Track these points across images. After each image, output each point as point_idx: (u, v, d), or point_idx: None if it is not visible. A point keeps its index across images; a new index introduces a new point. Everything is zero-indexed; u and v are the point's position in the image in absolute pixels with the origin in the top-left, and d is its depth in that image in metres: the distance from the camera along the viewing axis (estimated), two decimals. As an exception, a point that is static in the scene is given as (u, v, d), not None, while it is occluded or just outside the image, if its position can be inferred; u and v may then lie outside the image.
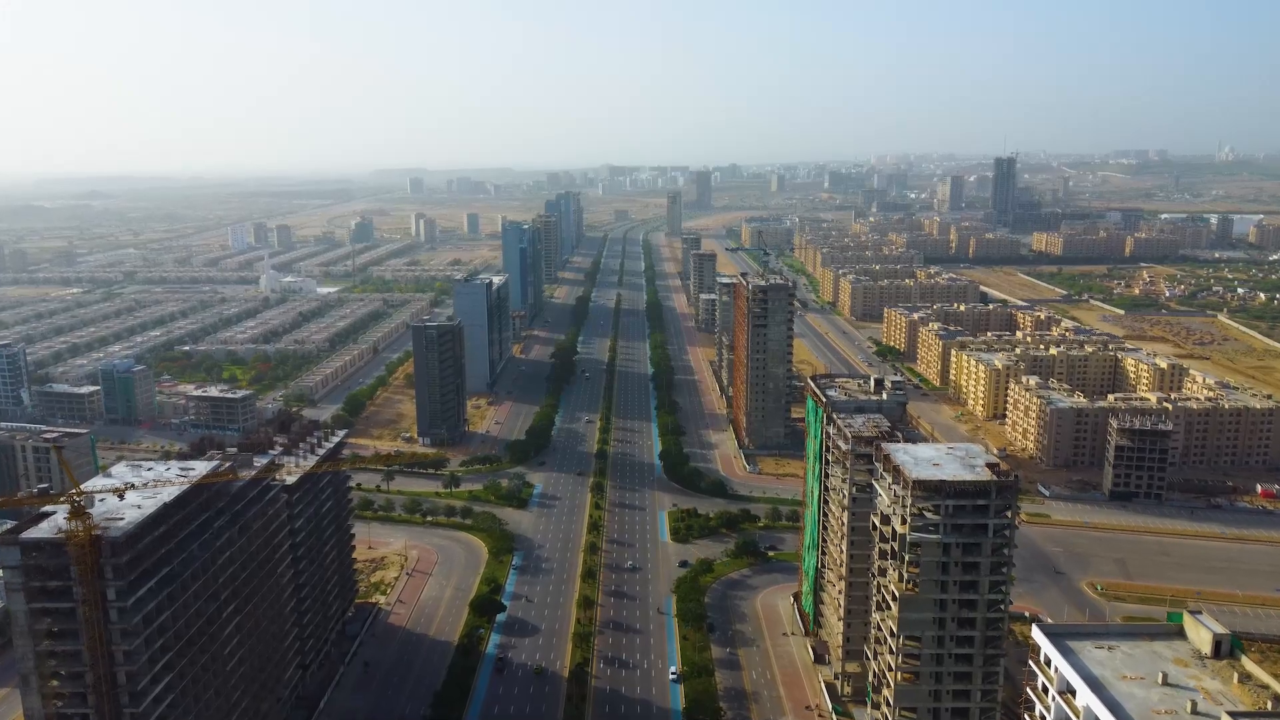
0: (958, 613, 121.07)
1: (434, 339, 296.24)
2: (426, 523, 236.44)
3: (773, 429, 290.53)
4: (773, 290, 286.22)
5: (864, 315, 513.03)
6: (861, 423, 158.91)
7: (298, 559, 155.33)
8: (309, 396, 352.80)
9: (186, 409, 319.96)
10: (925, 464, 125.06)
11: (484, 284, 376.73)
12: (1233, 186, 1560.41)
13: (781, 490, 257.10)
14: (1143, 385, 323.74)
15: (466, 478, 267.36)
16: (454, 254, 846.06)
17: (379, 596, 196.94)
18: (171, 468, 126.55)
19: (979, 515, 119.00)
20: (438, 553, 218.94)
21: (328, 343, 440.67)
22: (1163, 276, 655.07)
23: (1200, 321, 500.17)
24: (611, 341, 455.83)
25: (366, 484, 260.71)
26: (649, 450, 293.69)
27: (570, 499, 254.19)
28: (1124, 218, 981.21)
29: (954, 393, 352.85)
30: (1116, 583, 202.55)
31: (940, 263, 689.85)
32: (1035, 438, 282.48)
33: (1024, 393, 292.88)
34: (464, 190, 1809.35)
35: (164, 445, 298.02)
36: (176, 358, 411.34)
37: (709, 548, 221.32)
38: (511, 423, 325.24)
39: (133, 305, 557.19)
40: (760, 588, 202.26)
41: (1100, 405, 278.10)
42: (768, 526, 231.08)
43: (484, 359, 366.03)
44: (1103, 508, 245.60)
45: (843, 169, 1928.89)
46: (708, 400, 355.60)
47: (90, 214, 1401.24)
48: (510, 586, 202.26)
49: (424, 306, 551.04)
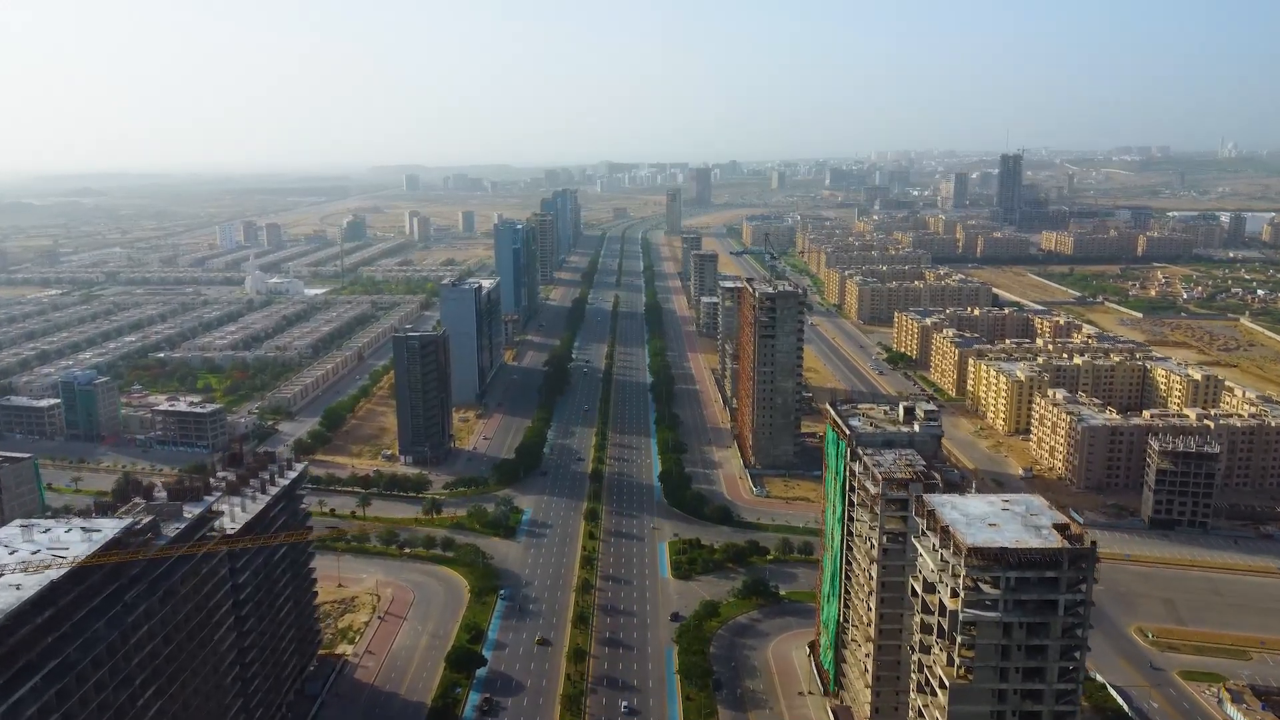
0: (1020, 705, 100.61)
1: (416, 350, 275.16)
2: (404, 555, 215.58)
3: (781, 447, 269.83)
4: (781, 298, 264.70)
5: (872, 319, 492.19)
6: (892, 460, 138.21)
7: (242, 619, 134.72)
8: (286, 408, 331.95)
9: (153, 424, 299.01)
10: (978, 523, 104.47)
11: (473, 288, 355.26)
12: (1239, 184, 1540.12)
13: (792, 516, 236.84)
14: (1175, 398, 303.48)
15: (450, 502, 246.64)
16: (448, 253, 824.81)
17: (345, 646, 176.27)
18: (74, 528, 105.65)
19: (1047, 590, 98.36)
20: (414, 591, 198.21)
21: (310, 349, 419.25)
22: (1178, 277, 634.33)
23: (1222, 325, 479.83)
24: (609, 347, 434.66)
25: (341, 509, 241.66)
26: (648, 470, 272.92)
27: (562, 526, 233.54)
28: (1134, 216, 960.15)
29: (972, 404, 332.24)
30: (1168, 629, 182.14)
31: (947, 262, 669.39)
32: (1064, 457, 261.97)
33: (1051, 408, 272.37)
34: (461, 187, 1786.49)
35: (125, 464, 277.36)
36: (150, 366, 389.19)
37: (714, 585, 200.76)
38: (501, 438, 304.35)
39: (111, 308, 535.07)
40: (772, 634, 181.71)
41: (1135, 423, 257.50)
42: (778, 559, 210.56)
43: (473, 368, 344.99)
44: (1143, 537, 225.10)
45: (844, 165, 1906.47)
46: (710, 412, 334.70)
47: (80, 211, 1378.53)
48: (493, 633, 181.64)
49: (414, 309, 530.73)
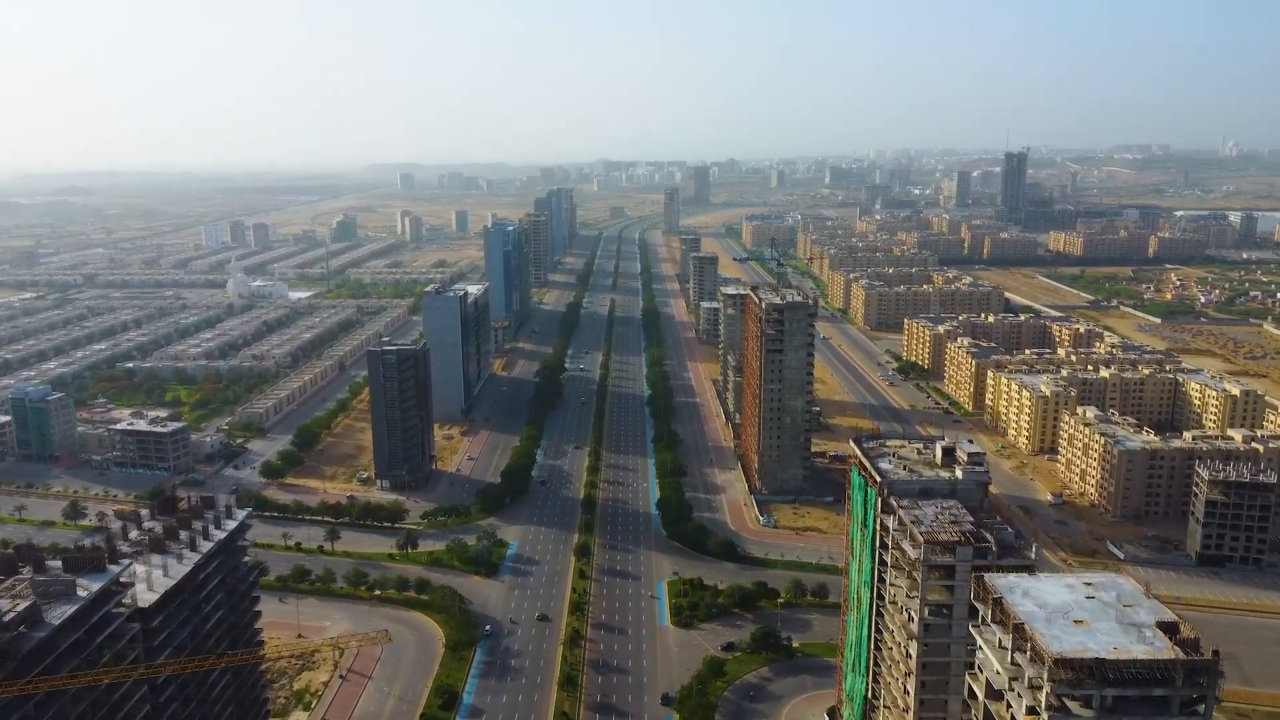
0: None
1: (393, 365, 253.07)
2: (374, 598, 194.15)
3: (789, 471, 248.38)
4: (790, 309, 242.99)
5: (879, 324, 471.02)
6: (933, 516, 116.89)
7: (161, 705, 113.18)
8: (258, 424, 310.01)
9: (112, 443, 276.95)
10: (1060, 619, 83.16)
11: (458, 295, 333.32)
12: (1243, 183, 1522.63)
13: (803, 551, 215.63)
14: (1211, 415, 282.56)
15: (428, 534, 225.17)
16: (440, 254, 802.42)
17: (300, 713, 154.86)
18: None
19: (1155, 712, 77.23)
20: (383, 644, 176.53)
21: (289, 357, 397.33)
22: (1193, 279, 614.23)
23: (1245, 331, 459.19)
24: (604, 356, 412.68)
25: (308, 542, 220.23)
26: (645, 496, 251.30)
27: (550, 563, 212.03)
28: (1141, 215, 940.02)
29: (991, 420, 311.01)
30: (1235, 690, 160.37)
31: (953, 264, 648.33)
32: (1097, 482, 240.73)
33: (1081, 428, 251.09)
34: (456, 186, 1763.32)
35: (78, 490, 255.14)
36: (117, 377, 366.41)
37: (719, 634, 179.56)
38: (486, 459, 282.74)
39: (84, 313, 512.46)
40: (785, 696, 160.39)
41: (1176, 445, 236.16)
42: (790, 603, 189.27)
43: (458, 381, 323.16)
44: (1191, 575, 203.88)
45: (843, 164, 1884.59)
46: (711, 428, 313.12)
47: (67, 211, 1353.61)
48: (469, 696, 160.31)
49: (402, 314, 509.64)
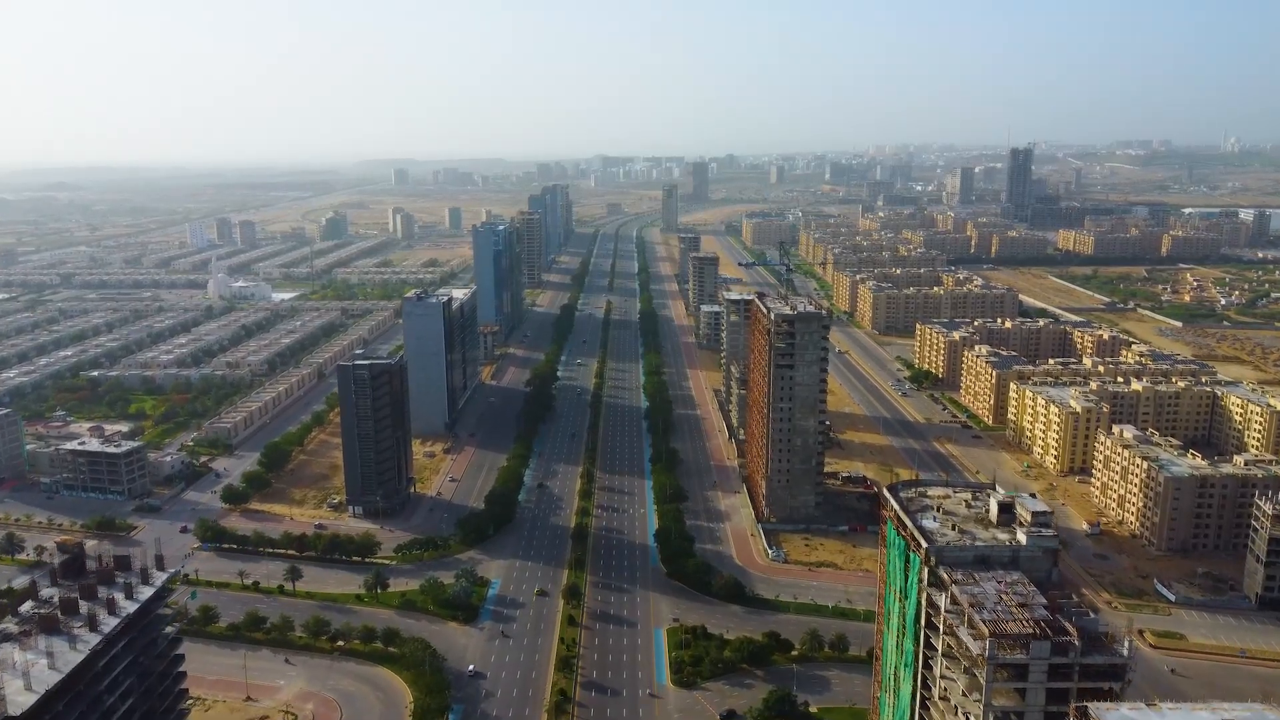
0: None
1: (366, 381, 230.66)
2: (336, 650, 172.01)
3: (800, 498, 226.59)
4: (802, 320, 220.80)
5: (888, 328, 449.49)
6: (995, 594, 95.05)
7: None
8: (225, 440, 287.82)
9: (62, 464, 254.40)
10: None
11: (442, 301, 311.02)
12: (1248, 179, 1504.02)
13: (818, 591, 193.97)
14: (1253, 432, 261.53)
15: (402, 570, 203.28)
16: (432, 252, 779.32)
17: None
18: None
19: None
20: (342, 708, 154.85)
21: (266, 365, 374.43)
22: (1210, 280, 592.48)
23: (1271, 336, 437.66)
24: (599, 363, 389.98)
25: (268, 580, 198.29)
26: (641, 524, 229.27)
27: (536, 607, 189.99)
28: (1151, 213, 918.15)
29: (1014, 436, 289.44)
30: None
31: (961, 263, 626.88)
32: (1139, 511, 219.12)
33: (1119, 449, 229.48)
34: (451, 182, 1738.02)
35: (20, 517, 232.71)
36: (79, 387, 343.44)
37: (725, 696, 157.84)
38: (471, 479, 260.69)
39: (56, 316, 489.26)
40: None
41: (1227, 471, 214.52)
42: (805, 657, 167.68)
43: (441, 393, 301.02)
44: (1253, 622, 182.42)
45: (843, 159, 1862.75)
46: (714, 445, 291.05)
47: (53, 207, 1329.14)
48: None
49: (388, 317, 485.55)
